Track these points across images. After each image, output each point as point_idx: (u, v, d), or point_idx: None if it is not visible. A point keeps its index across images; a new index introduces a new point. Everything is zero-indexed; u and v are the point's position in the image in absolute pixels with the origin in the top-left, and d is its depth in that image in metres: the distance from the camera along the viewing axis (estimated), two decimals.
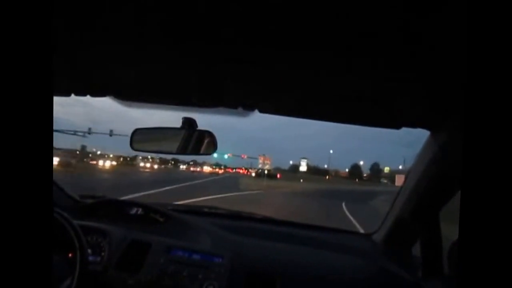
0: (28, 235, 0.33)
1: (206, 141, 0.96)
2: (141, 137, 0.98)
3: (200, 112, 0.94)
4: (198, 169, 52.33)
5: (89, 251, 0.91)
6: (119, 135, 27.38)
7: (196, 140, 0.95)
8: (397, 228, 1.06)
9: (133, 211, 1.20)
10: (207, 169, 52.52)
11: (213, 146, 0.95)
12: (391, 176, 55.41)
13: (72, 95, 0.91)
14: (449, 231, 0.89)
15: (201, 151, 0.95)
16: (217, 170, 52.68)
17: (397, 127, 0.84)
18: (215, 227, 1.17)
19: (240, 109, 0.87)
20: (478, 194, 0.32)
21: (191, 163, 56.41)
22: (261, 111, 0.88)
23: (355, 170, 62.89)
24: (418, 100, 0.70)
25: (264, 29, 0.49)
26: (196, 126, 0.95)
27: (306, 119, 0.93)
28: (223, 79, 0.72)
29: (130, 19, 0.51)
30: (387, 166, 59.90)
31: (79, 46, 0.62)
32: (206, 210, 1.40)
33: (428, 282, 0.93)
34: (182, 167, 56.11)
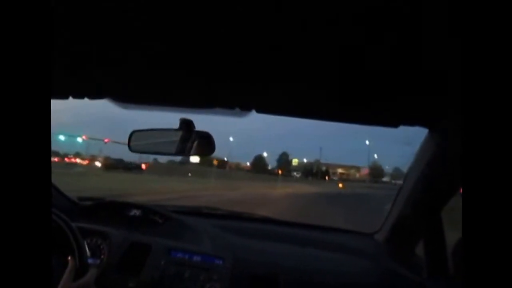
0: (26, 238, 0.33)
1: (203, 142, 0.95)
2: (139, 139, 0.98)
3: (197, 113, 0.94)
4: None
5: (89, 253, 0.91)
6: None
7: (194, 141, 0.95)
8: (399, 227, 1.04)
9: (133, 212, 1.20)
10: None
11: (210, 146, 0.95)
12: (305, 169, 49.30)
13: (70, 97, 0.91)
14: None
15: (199, 152, 0.95)
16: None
17: (395, 125, 0.84)
18: (215, 228, 1.17)
19: (237, 110, 0.86)
20: (479, 192, 0.31)
21: None
22: (258, 111, 0.87)
23: (259, 162, 51.39)
24: (416, 98, 0.69)
25: (260, 30, 0.49)
26: (194, 127, 0.95)
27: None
28: (220, 79, 0.72)
29: (127, 22, 0.51)
30: (295, 158, 52.69)
31: (77, 49, 0.62)
32: (206, 211, 1.40)
33: (433, 282, 0.91)
34: None
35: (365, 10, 0.42)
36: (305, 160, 53.48)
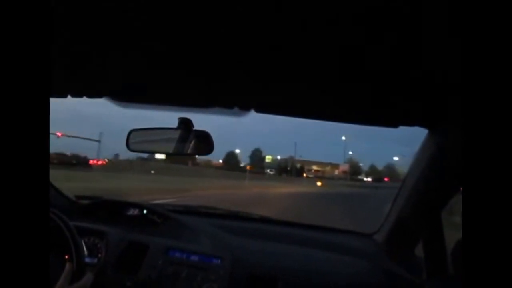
0: (24, 236, 0.33)
1: (202, 141, 0.95)
2: (137, 138, 0.97)
3: (195, 112, 0.94)
4: None
5: (86, 252, 0.91)
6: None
7: (192, 140, 0.94)
8: (398, 228, 1.03)
9: (131, 212, 1.20)
10: None
11: (209, 146, 0.94)
12: (279, 166, 46.87)
13: (69, 96, 0.91)
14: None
15: (198, 151, 0.94)
16: None
17: (395, 125, 0.83)
18: (214, 227, 1.16)
19: (236, 109, 0.86)
20: (480, 192, 0.31)
21: None
22: (257, 111, 0.87)
23: (231, 159, 48.83)
24: (416, 98, 0.69)
25: (260, 29, 0.49)
26: (192, 126, 0.95)
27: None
28: (219, 79, 0.71)
29: (126, 21, 0.50)
30: (268, 154, 49.42)
31: (76, 47, 0.62)
32: (204, 210, 1.39)
33: (433, 283, 0.90)
34: None
35: (365, 10, 0.41)
36: (279, 157, 50.84)
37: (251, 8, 0.44)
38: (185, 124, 0.94)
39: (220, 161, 49.81)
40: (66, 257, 0.81)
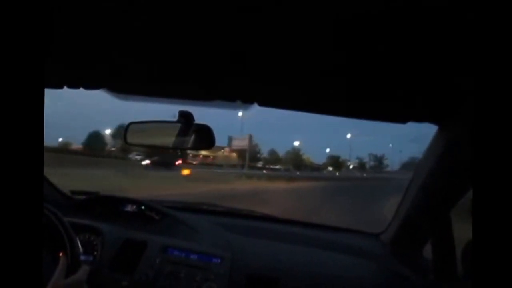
0: (17, 233, 0.32)
1: (203, 135, 0.92)
2: (136, 131, 0.94)
3: (197, 105, 0.91)
4: None
5: (81, 250, 0.87)
6: None
7: (192, 134, 0.92)
8: (406, 227, 1.00)
9: (128, 208, 1.17)
10: None
11: (210, 140, 0.92)
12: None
13: (65, 87, 0.88)
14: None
15: (198, 145, 0.92)
16: None
17: (404, 121, 0.81)
18: (213, 225, 1.14)
19: (238, 102, 0.84)
20: (490, 191, 0.31)
21: None
22: (260, 104, 0.85)
23: (94, 141, 30.51)
24: (426, 93, 0.67)
25: (264, 23, 0.48)
26: (193, 120, 0.92)
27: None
28: (221, 71, 0.70)
29: (126, 13, 0.49)
30: None
31: (72, 36, 0.60)
32: (204, 207, 1.37)
33: (441, 285, 0.88)
34: None
35: (374, 5, 0.41)
36: None
37: (253, 1, 0.43)
38: (185, 117, 0.92)
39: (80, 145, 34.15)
40: (61, 254, 0.78)
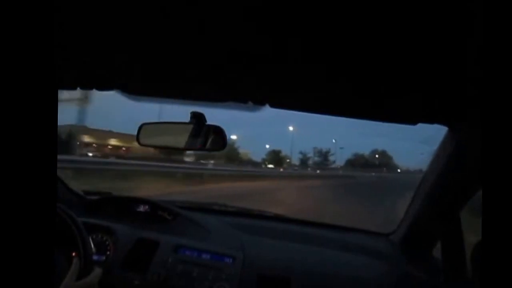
0: (30, 232, 0.32)
1: (215, 136, 0.92)
2: (148, 132, 0.95)
3: (208, 106, 0.91)
4: None
5: (94, 249, 0.88)
6: None
7: (204, 135, 0.92)
8: (416, 228, 1.00)
9: (140, 208, 1.18)
10: None
11: (222, 141, 0.92)
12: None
13: (78, 88, 0.89)
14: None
15: (210, 147, 0.92)
16: None
17: (414, 122, 0.81)
18: (225, 225, 1.14)
19: (250, 104, 0.84)
20: (500, 192, 0.30)
21: None
22: (272, 105, 0.85)
23: None
24: (436, 95, 0.67)
25: (276, 23, 0.48)
26: (205, 121, 0.92)
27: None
28: (233, 72, 0.70)
29: (139, 14, 0.49)
30: None
31: (85, 38, 0.60)
32: (215, 207, 1.37)
33: (451, 285, 0.88)
34: None
35: (385, 3, 0.40)
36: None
37: (264, 2, 0.43)
38: (197, 118, 0.92)
39: None
40: (74, 254, 0.79)
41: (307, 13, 0.44)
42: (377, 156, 43.80)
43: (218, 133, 0.92)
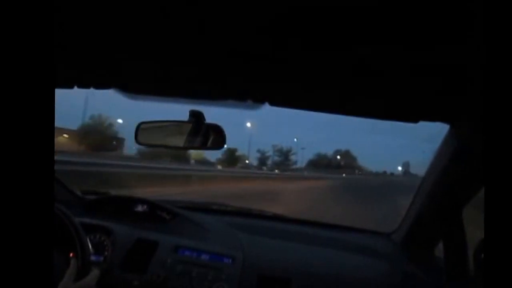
0: (28, 233, 0.32)
1: (214, 135, 0.92)
2: (147, 131, 0.94)
3: (207, 104, 0.91)
4: None
5: (92, 250, 0.88)
6: None
7: (203, 134, 0.91)
8: (418, 227, 1.00)
9: (139, 208, 1.17)
10: None
11: (221, 140, 0.91)
12: None
13: (75, 87, 0.88)
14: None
15: (209, 145, 0.91)
16: None
17: (415, 120, 0.80)
18: (224, 225, 1.13)
19: (249, 102, 0.83)
20: (502, 190, 0.30)
21: None
22: (271, 103, 0.84)
23: None
24: (437, 92, 0.67)
25: (274, 20, 0.47)
26: (204, 119, 0.92)
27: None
28: (232, 70, 0.69)
29: (136, 13, 0.49)
30: None
31: (84, 36, 0.59)
32: (215, 207, 1.37)
33: (453, 286, 0.87)
34: None
35: (385, 2, 0.40)
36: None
37: (263, 1, 0.43)
38: (196, 117, 0.91)
39: None
40: (71, 254, 0.79)
41: (307, 13, 0.44)
42: (338, 157, 42.28)
43: (218, 132, 0.91)
